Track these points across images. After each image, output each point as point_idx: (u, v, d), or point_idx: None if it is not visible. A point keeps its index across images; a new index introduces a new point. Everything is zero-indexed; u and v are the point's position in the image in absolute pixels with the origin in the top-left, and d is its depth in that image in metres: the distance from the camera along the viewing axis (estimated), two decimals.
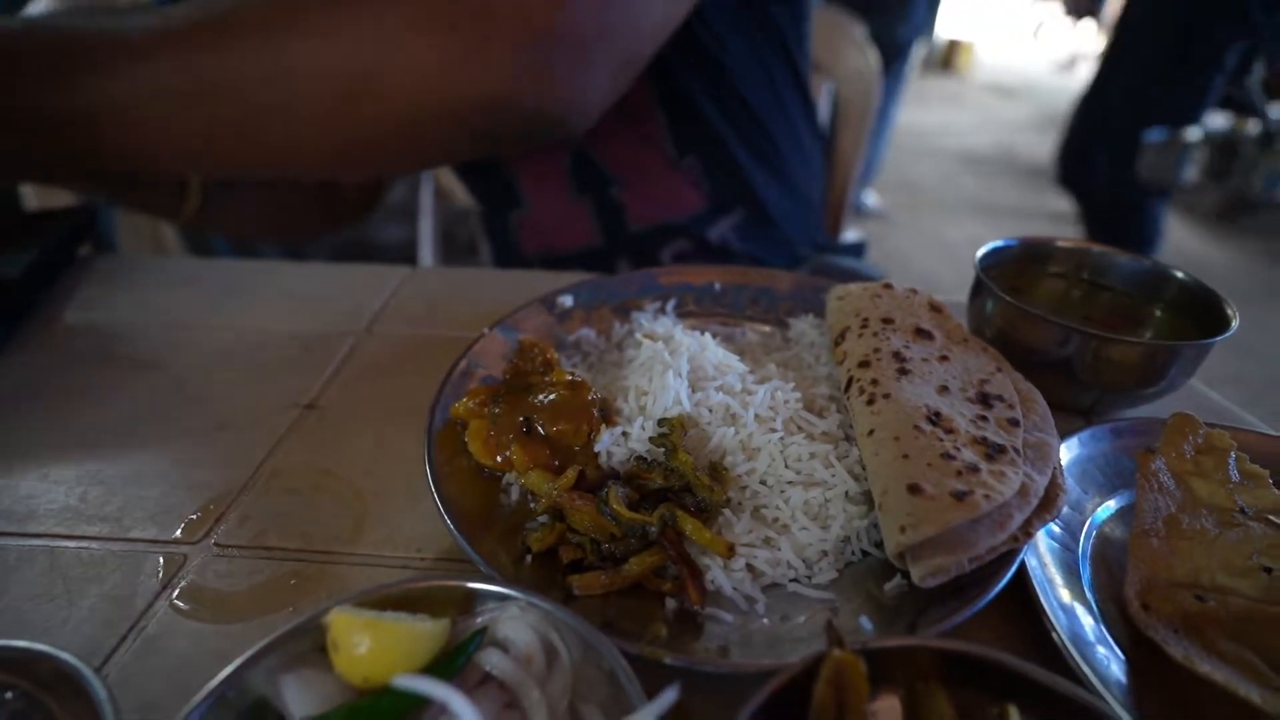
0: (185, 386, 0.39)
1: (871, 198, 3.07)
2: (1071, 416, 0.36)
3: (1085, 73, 3.13)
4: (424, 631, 0.21)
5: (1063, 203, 2.51)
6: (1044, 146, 3.44)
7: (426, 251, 1.85)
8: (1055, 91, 4.47)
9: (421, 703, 0.20)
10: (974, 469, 0.25)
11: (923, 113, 4.04)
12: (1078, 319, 0.40)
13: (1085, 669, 0.23)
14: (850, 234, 2.81)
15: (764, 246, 0.65)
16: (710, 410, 0.30)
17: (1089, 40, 4.99)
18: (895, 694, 0.21)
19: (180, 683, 0.21)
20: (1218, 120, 2.26)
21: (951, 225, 3.02)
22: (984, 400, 0.29)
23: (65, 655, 0.21)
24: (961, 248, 2.59)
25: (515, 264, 0.67)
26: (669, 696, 0.20)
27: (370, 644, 0.20)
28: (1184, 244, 2.81)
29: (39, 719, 0.21)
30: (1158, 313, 0.39)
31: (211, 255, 1.82)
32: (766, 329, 0.40)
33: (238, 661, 0.21)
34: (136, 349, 0.42)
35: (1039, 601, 0.24)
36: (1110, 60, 1.96)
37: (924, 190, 3.35)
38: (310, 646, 0.22)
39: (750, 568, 0.26)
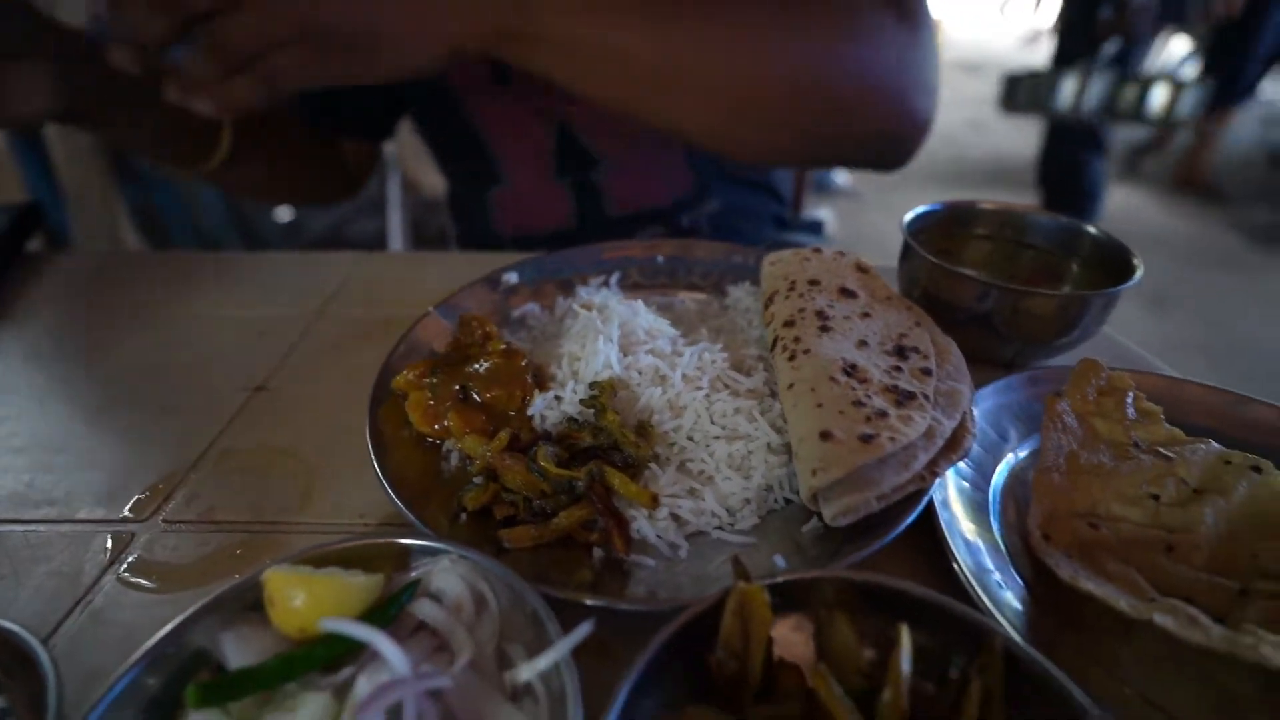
0: (135, 374, 0.39)
1: (842, 175, 3.08)
2: (995, 368, 0.37)
3: (1048, 48, 3.18)
4: (357, 585, 0.23)
5: (1031, 174, 2.57)
6: (1010, 120, 3.49)
7: (397, 243, 1.84)
8: (1020, 67, 4.50)
9: (355, 649, 0.21)
10: (883, 414, 0.27)
11: None
12: (1000, 276, 0.41)
13: (981, 595, 0.24)
14: (821, 212, 2.84)
15: (733, 236, 0.66)
16: (640, 372, 0.31)
17: (1051, 15, 5.04)
18: (804, 622, 0.23)
19: (127, 651, 0.22)
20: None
21: (922, 199, 3.03)
22: (900, 353, 0.31)
23: (9, 624, 0.22)
24: None
25: (487, 245, 0.67)
26: (582, 630, 0.21)
27: (305, 597, 0.22)
28: (1143, 214, 2.87)
29: None
30: (1075, 267, 0.41)
31: (170, 248, 1.80)
32: (704, 296, 0.41)
33: (178, 619, 0.22)
34: (88, 339, 0.42)
35: (943, 536, 0.26)
36: None
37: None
38: (250, 605, 0.23)
39: (675, 517, 0.27)
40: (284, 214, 2.49)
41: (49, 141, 1.10)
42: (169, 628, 0.22)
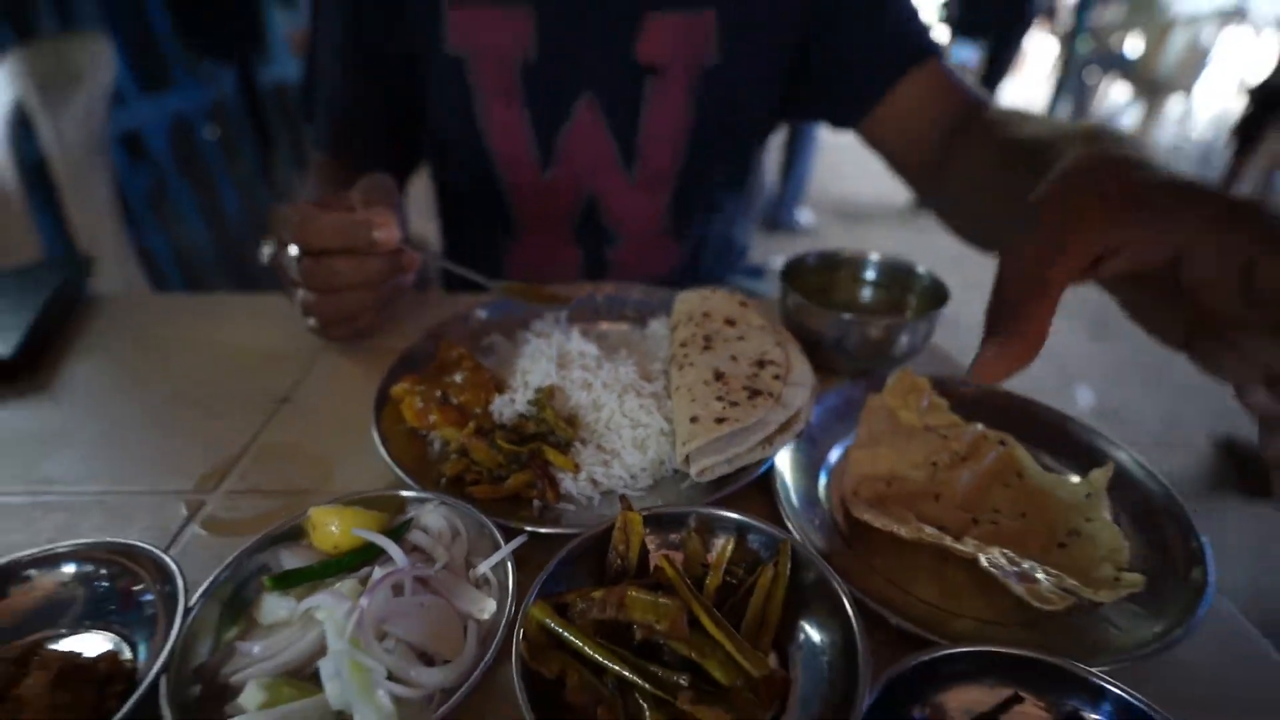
0: (184, 390, 0.50)
1: (804, 214, 3.23)
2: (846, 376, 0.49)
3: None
4: (371, 516, 0.34)
5: None
6: None
7: None
8: None
9: (372, 558, 0.32)
10: (735, 404, 0.39)
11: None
12: (854, 308, 0.54)
13: (791, 524, 0.36)
14: (778, 257, 2.98)
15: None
16: (571, 381, 0.43)
17: None
18: (675, 539, 0.34)
19: (212, 571, 0.33)
20: None
21: (882, 236, 3.23)
22: (760, 364, 0.43)
23: (148, 546, 0.32)
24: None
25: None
26: (518, 540, 0.32)
27: (338, 522, 0.33)
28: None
29: (130, 583, 0.32)
30: (912, 300, 0.53)
31: (167, 286, 1.92)
32: (628, 327, 0.53)
33: (247, 543, 0.33)
34: (144, 366, 0.53)
35: (774, 488, 0.38)
36: None
37: (856, 204, 3.57)
38: (294, 537, 0.34)
39: (592, 480, 0.38)
40: (268, 251, 2.59)
41: (63, 195, 1.22)
42: (241, 548, 0.32)
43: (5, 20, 1.47)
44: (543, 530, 0.34)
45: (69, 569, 0.31)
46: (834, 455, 0.43)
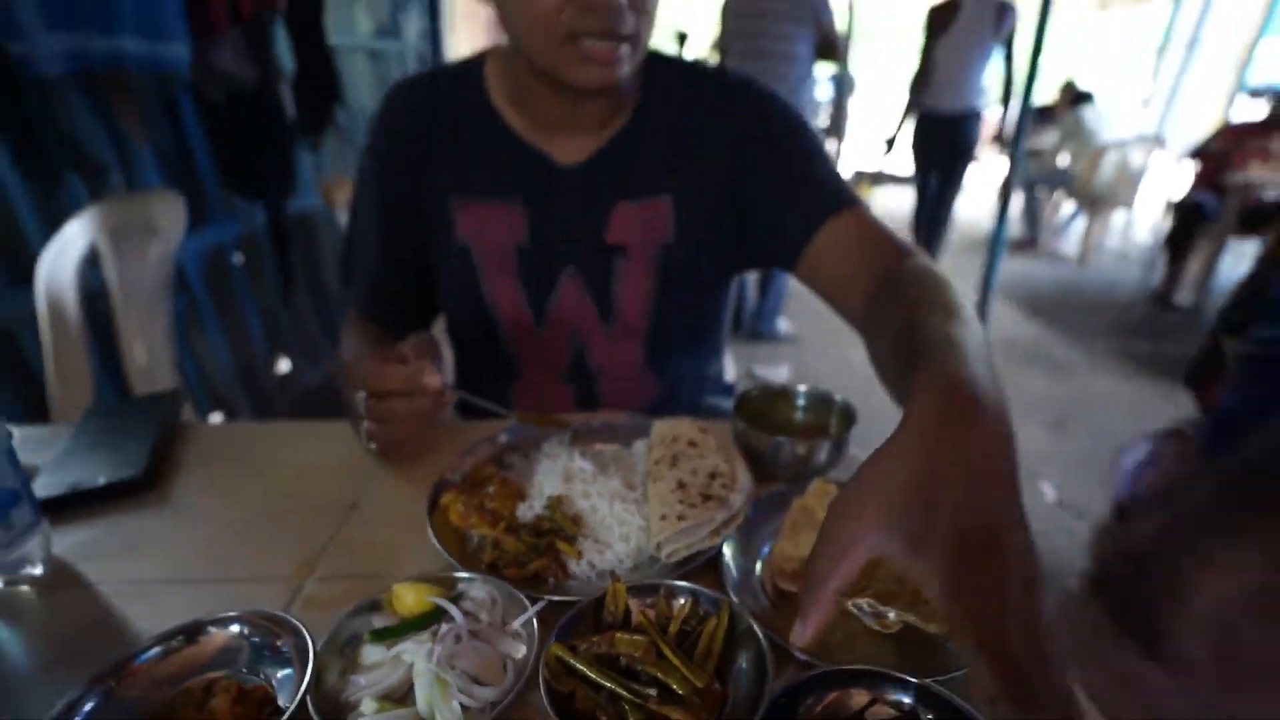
0: (269, 503, 0.65)
1: (783, 324, 3.46)
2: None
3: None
4: (435, 590, 0.48)
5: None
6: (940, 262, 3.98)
7: None
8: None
9: (436, 620, 0.46)
10: (693, 506, 0.54)
11: None
12: (787, 431, 0.70)
13: (731, 593, 0.50)
14: (779, 369, 3.18)
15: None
16: (574, 491, 0.58)
17: None
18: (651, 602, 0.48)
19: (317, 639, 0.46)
20: None
21: (855, 343, 3.46)
22: (712, 476, 0.59)
23: (280, 613, 0.46)
24: (865, 365, 3.01)
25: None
26: (539, 605, 0.47)
27: (412, 595, 0.47)
28: (1045, 347, 3.29)
29: (274, 639, 0.45)
30: (832, 422, 0.70)
31: (189, 398, 2.07)
32: (617, 447, 0.69)
33: (344, 612, 0.47)
34: (231, 485, 0.68)
35: (721, 566, 0.52)
36: None
37: (833, 314, 3.81)
38: (377, 607, 0.48)
39: (590, 563, 0.53)
40: (283, 366, 2.77)
41: (121, 328, 1.39)
42: (342, 615, 0.46)
43: (77, 175, 1.71)
44: (556, 598, 0.48)
45: (234, 629, 0.45)
46: (766, 544, 0.58)
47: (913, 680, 0.41)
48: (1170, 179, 5.02)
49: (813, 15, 2.68)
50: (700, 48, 8.78)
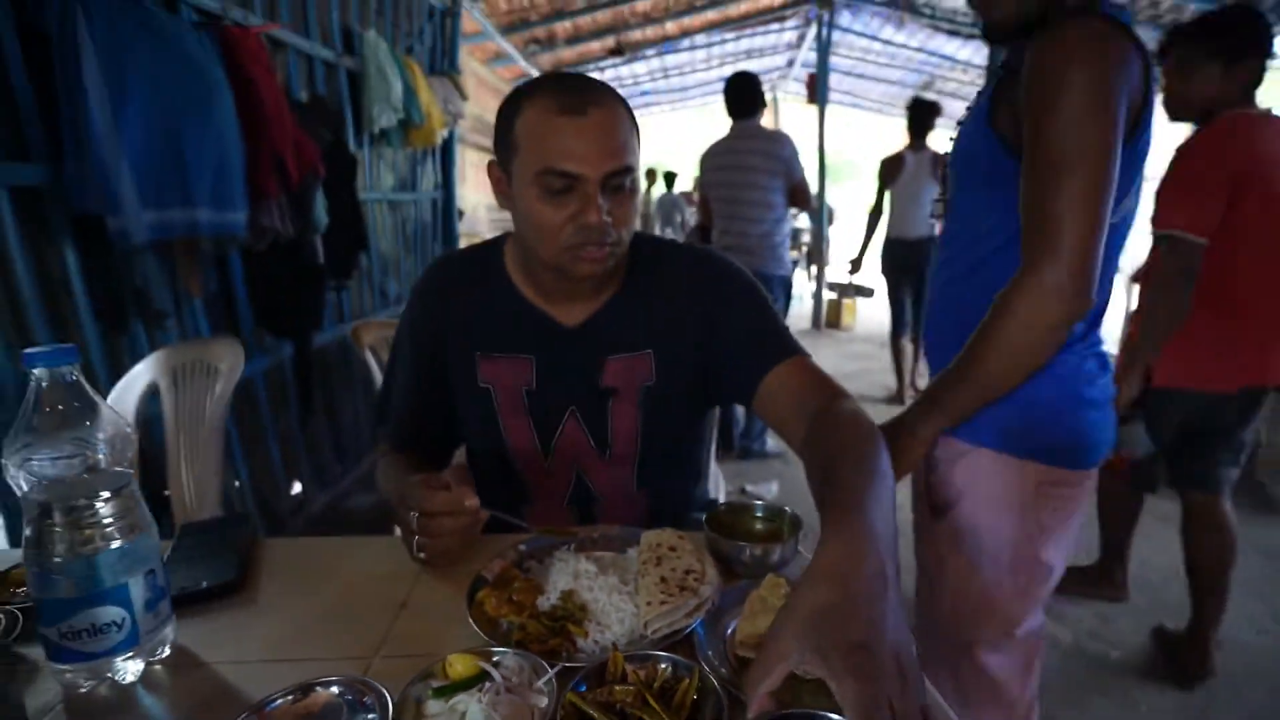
0: (335, 601, 0.81)
1: (771, 442, 3.64)
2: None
3: None
4: (477, 659, 0.64)
5: None
6: (919, 381, 4.24)
7: None
8: None
9: (481, 681, 0.62)
10: (672, 595, 0.71)
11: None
12: (749, 538, 0.88)
13: (704, 663, 0.66)
14: (769, 485, 3.34)
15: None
16: (582, 587, 0.75)
17: None
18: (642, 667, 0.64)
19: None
20: None
21: None
22: (688, 573, 0.76)
23: (369, 679, 0.62)
24: None
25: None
26: (556, 668, 0.63)
27: (462, 664, 0.63)
28: None
29: (360, 697, 0.61)
30: (785, 529, 0.88)
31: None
32: (613, 554, 0.86)
33: (409, 679, 0.63)
34: (299, 588, 0.84)
35: (695, 641, 0.68)
36: None
37: None
38: (432, 674, 0.64)
39: (595, 640, 0.69)
40: (295, 488, 2.92)
41: (172, 459, 1.57)
42: (408, 680, 0.62)
43: (140, 322, 1.95)
44: (569, 664, 0.65)
45: (334, 689, 0.61)
46: (731, 625, 0.74)
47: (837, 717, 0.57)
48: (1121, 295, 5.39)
49: (784, 169, 3.08)
50: (685, 184, 9.61)
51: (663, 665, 0.64)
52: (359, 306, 3.38)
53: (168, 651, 0.70)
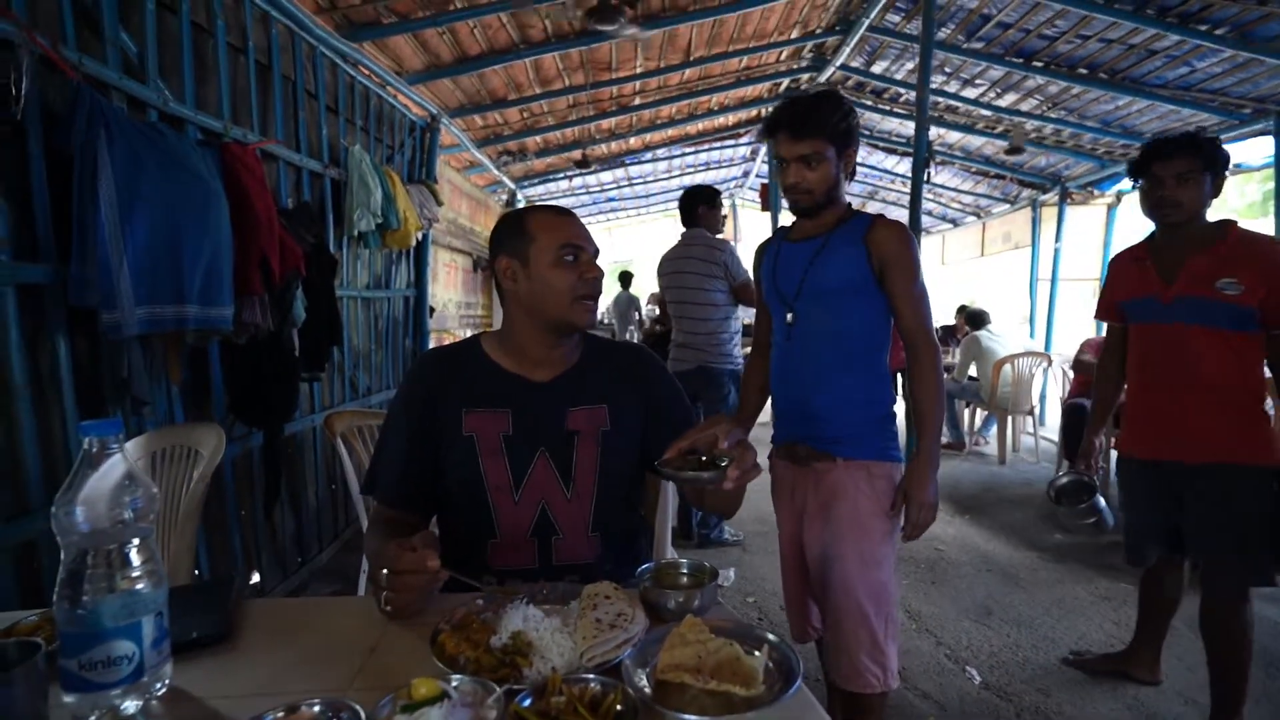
0: (310, 648, 0.92)
1: (728, 531, 3.76)
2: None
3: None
4: (438, 682, 0.76)
5: None
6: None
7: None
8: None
9: (441, 699, 0.74)
10: (605, 630, 0.85)
11: None
12: (672, 588, 1.02)
13: (627, 682, 0.79)
14: (728, 571, 3.46)
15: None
16: (529, 630, 0.88)
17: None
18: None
19: None
20: None
21: None
22: (619, 615, 0.90)
23: (349, 701, 0.73)
24: None
25: (475, 573, 1.19)
26: (504, 688, 0.75)
27: (426, 687, 0.75)
28: (972, 542, 3.63)
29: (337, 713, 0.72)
30: (705, 579, 1.02)
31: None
32: (562, 606, 0.99)
33: (381, 701, 0.74)
34: (279, 639, 0.95)
35: (624, 669, 0.81)
36: None
37: (769, 520, 4.14)
38: (403, 697, 0.75)
39: (539, 671, 0.82)
40: (254, 578, 2.92)
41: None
42: (384, 698, 0.74)
43: (120, 410, 2.05)
44: (515, 687, 0.78)
45: (316, 708, 0.73)
46: (655, 657, 0.87)
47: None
48: (1060, 385, 5.80)
49: (724, 271, 3.39)
50: (642, 284, 10.12)
51: (593, 684, 0.77)
52: (329, 398, 3.50)
53: (165, 689, 0.80)
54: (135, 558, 0.75)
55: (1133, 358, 2.04)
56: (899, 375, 4.27)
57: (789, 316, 1.59)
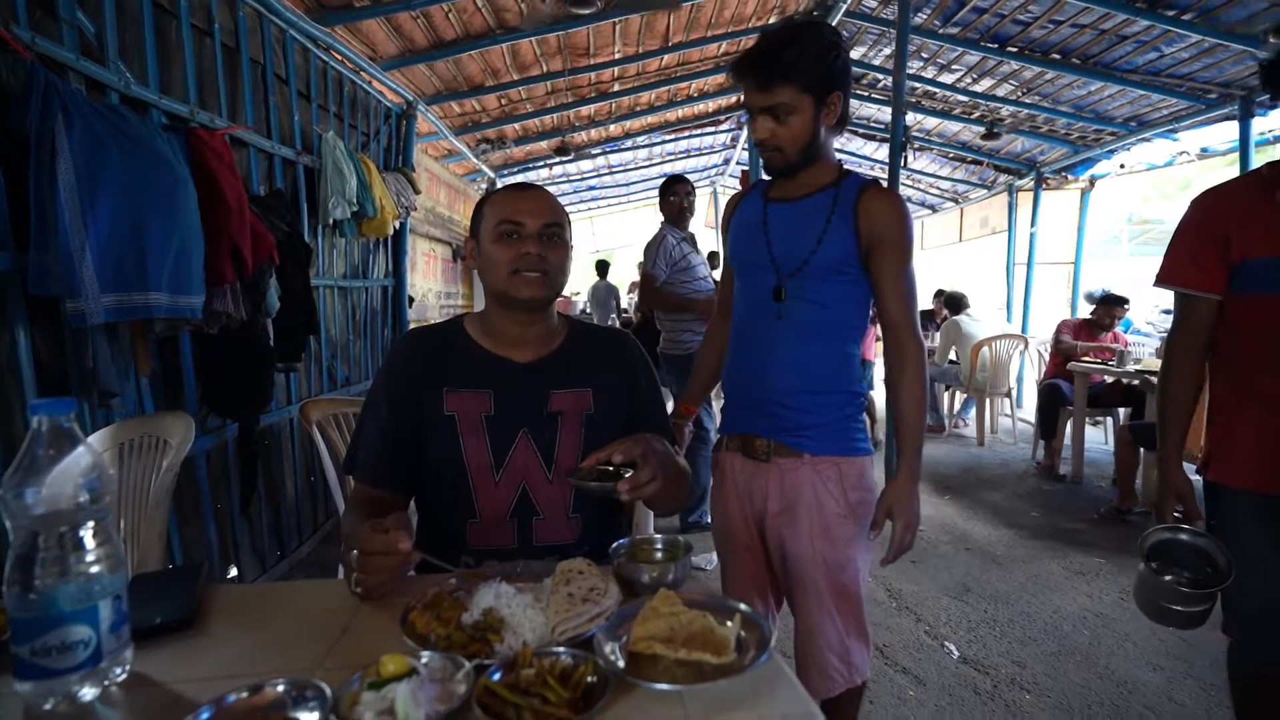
0: (282, 630, 0.90)
1: (707, 515, 3.77)
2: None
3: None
4: (406, 659, 0.75)
5: None
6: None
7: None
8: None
9: (410, 674, 0.73)
10: (577, 604, 0.84)
11: None
12: (646, 563, 1.02)
13: (599, 656, 0.79)
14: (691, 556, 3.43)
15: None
16: (502, 606, 0.87)
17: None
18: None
19: None
20: None
21: None
22: (591, 589, 0.89)
23: (315, 680, 0.72)
24: None
25: (455, 553, 1.20)
26: (474, 663, 0.75)
27: (394, 664, 0.74)
28: (953, 521, 3.68)
29: (304, 691, 0.71)
30: (680, 554, 1.02)
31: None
32: (532, 583, 0.99)
33: (353, 675, 0.73)
34: (251, 621, 0.93)
35: (595, 641, 0.81)
36: None
37: None
38: (371, 674, 0.74)
39: (510, 647, 0.82)
40: (231, 571, 2.89)
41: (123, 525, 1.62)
42: (352, 676, 0.73)
43: (86, 401, 2.01)
44: (485, 662, 0.77)
45: (281, 687, 0.71)
46: (629, 630, 0.87)
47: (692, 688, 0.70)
48: (1036, 367, 5.89)
49: (665, 260, 3.49)
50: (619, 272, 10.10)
51: (564, 657, 0.77)
52: (307, 389, 3.45)
53: (125, 674, 0.79)
54: (90, 541, 0.73)
55: (1245, 346, 1.32)
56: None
57: (779, 292, 1.36)
